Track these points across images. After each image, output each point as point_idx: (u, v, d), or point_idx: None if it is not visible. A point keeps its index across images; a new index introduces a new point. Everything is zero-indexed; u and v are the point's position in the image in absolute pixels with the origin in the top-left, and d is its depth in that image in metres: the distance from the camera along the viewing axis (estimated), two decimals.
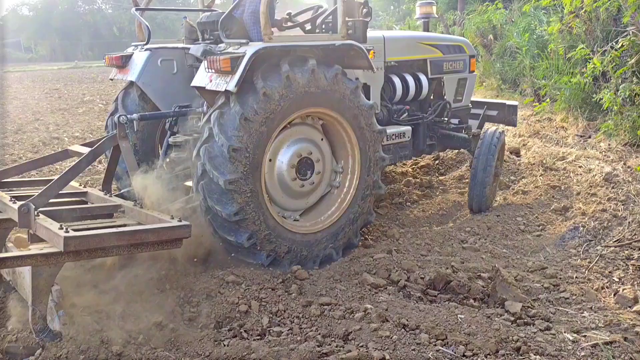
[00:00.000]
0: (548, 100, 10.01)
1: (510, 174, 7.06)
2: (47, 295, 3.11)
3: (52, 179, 3.98)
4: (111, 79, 5.34)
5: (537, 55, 11.00)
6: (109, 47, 51.30)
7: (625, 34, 7.95)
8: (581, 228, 5.21)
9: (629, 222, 5.15)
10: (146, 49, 5.01)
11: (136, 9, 5.18)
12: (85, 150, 4.29)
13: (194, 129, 4.60)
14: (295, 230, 4.38)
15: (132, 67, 4.97)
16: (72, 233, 3.10)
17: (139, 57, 4.97)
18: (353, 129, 4.52)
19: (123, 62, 5.05)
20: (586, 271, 4.44)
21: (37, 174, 6.56)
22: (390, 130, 5.32)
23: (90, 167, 6.05)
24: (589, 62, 8.48)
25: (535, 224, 5.55)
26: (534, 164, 7.24)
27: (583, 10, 9.03)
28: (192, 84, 4.20)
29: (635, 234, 4.94)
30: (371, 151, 4.65)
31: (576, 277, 4.33)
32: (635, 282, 4.20)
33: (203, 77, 4.05)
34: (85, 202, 4.33)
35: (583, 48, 8.69)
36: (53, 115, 13.38)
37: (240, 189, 3.94)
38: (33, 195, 3.63)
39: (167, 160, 4.72)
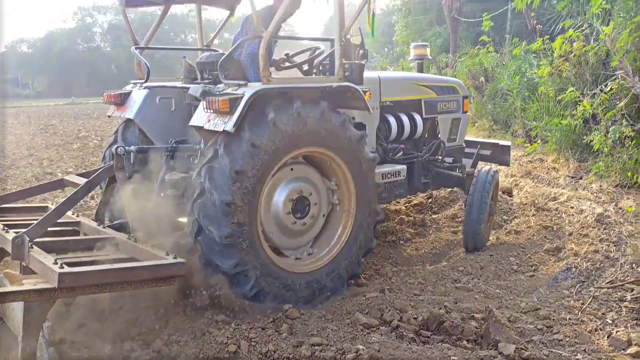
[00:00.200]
0: (539, 141, 10.15)
1: (503, 214, 7.08)
2: (38, 332, 3.05)
3: (45, 206, 3.89)
4: (109, 116, 5.37)
5: (528, 97, 11.19)
6: (107, 84, 51.82)
7: (614, 77, 8.13)
8: (574, 269, 5.20)
9: (621, 264, 5.14)
10: (145, 87, 5.07)
11: (135, 48, 5.25)
12: (81, 180, 4.29)
13: (190, 167, 4.60)
14: (285, 267, 4.32)
15: (131, 104, 5.02)
16: (66, 269, 3.06)
17: (138, 95, 5.03)
18: (353, 177, 4.57)
19: (121, 100, 5.11)
20: (579, 313, 4.40)
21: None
22: (386, 169, 5.35)
23: (82, 202, 6.01)
24: (579, 105, 8.64)
25: (528, 264, 5.53)
26: (526, 204, 7.27)
27: (572, 54, 9.26)
28: (191, 124, 4.21)
29: (627, 276, 4.92)
30: (369, 202, 4.67)
31: (569, 318, 4.29)
32: (629, 324, 4.17)
33: (201, 117, 4.08)
34: (78, 232, 4.30)
35: (573, 91, 8.86)
36: (47, 151, 13.40)
37: (236, 212, 3.89)
38: (26, 223, 3.61)
39: (162, 195, 4.69)
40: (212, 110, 3.95)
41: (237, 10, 5.97)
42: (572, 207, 6.96)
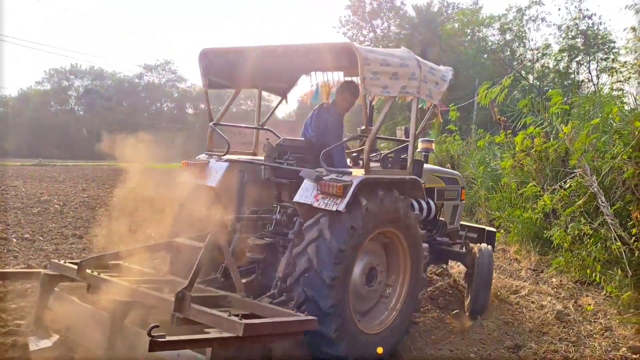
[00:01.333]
0: (502, 231, 10.31)
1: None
2: None
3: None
4: (182, 182, 5.79)
5: (492, 187, 11.47)
6: (76, 148, 51.22)
7: (573, 175, 8.43)
8: None
9: None
10: (225, 160, 5.72)
11: (213, 124, 5.87)
12: (191, 242, 4.97)
13: (263, 234, 5.36)
14: (364, 330, 4.90)
15: (212, 174, 5.64)
16: (248, 321, 3.59)
17: (219, 166, 5.66)
18: (410, 252, 5.29)
19: (200, 169, 5.73)
20: None
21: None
22: None
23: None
24: (540, 199, 8.88)
25: None
26: None
27: (533, 150, 9.62)
28: (295, 200, 4.80)
29: None
30: (419, 271, 5.39)
31: None
32: None
33: (307, 196, 4.70)
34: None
35: (534, 185, 9.12)
36: (5, 214, 12.95)
37: (338, 286, 4.48)
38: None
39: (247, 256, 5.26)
40: (321, 191, 4.61)
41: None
42: (532, 302, 6.99)
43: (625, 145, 7.59)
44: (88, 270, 4.68)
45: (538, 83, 28.84)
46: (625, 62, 20.43)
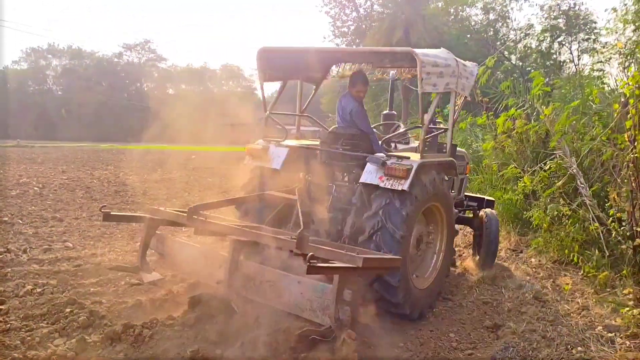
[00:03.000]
0: None
1: (447, 285, 7.11)
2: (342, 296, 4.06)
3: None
4: (244, 164, 6.57)
5: (473, 169, 11.54)
6: (55, 128, 50.53)
7: (553, 156, 8.51)
8: (511, 349, 5.20)
9: (557, 344, 5.20)
10: (285, 145, 6.49)
11: (271, 114, 6.67)
12: (280, 194, 5.98)
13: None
14: (415, 285, 5.80)
15: (275, 158, 6.39)
16: (364, 255, 4.28)
17: (281, 152, 6.42)
18: (447, 222, 6.29)
19: (261, 154, 6.48)
20: None
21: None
22: None
23: None
24: (520, 181, 8.97)
25: (467, 341, 5.51)
26: (466, 275, 7.34)
27: (515, 131, 9.68)
28: (361, 181, 5.66)
29: (562, 357, 4.98)
30: (452, 239, 6.49)
31: None
32: None
33: (373, 178, 5.55)
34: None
35: (515, 167, 9.20)
36: None
37: (403, 243, 5.39)
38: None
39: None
40: (386, 174, 5.47)
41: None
42: (512, 282, 7.07)
43: (604, 127, 7.66)
44: (194, 216, 5.31)
45: (520, 64, 28.97)
46: (606, 43, 20.59)
